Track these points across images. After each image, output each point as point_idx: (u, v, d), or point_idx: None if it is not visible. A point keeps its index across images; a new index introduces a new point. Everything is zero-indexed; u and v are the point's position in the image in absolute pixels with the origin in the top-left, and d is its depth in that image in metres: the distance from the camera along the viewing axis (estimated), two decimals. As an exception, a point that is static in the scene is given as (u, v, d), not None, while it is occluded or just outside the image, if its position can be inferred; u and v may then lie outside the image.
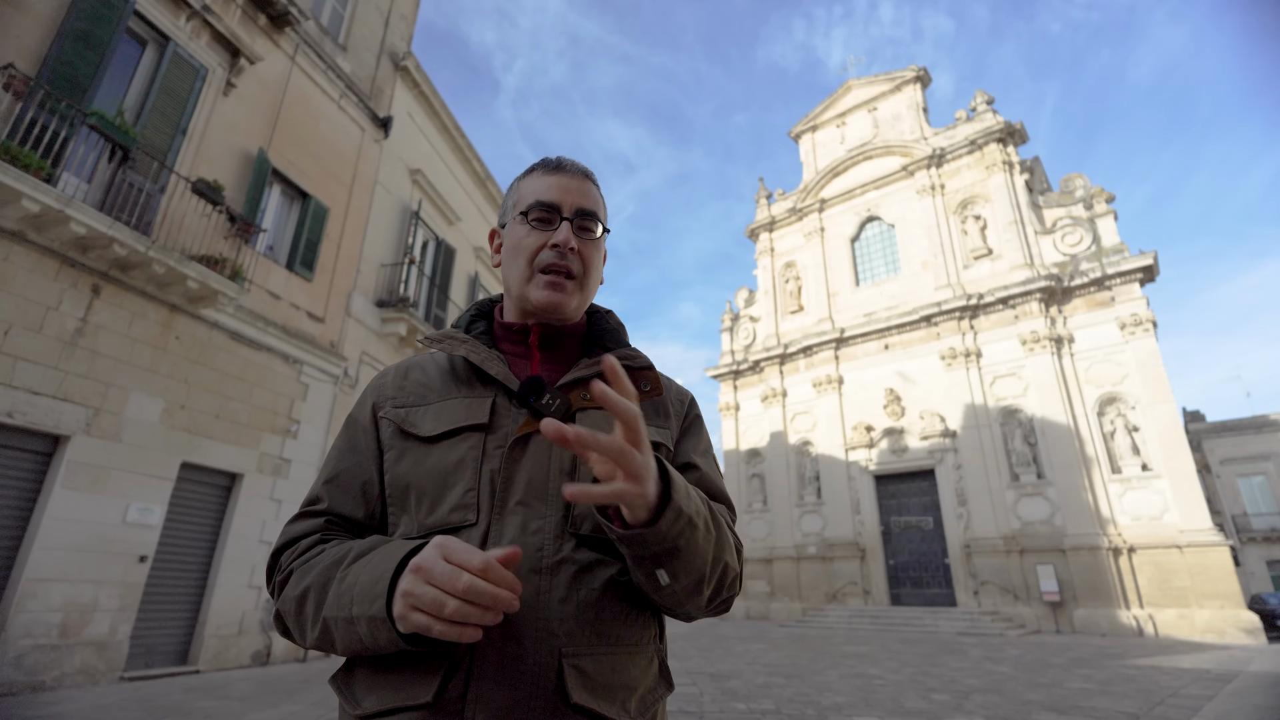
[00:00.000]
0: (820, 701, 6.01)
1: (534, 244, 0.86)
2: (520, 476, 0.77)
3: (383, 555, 0.69)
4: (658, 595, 0.73)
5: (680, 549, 0.67)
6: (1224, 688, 6.74)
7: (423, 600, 0.60)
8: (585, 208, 0.88)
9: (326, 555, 0.75)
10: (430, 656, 0.69)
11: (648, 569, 0.69)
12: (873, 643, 12.00)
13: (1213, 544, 13.13)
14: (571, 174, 0.90)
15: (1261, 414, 27.37)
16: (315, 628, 0.71)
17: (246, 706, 5.44)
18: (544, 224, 0.87)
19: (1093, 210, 16.94)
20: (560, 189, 0.88)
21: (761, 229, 24.53)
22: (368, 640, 0.66)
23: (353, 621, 0.66)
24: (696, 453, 0.91)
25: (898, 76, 22.05)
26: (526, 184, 0.91)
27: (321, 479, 0.85)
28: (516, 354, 0.89)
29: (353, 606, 0.66)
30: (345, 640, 0.69)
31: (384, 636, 0.65)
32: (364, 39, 11.50)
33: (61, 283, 6.18)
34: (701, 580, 0.72)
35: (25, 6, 6.21)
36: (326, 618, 0.69)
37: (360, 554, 0.72)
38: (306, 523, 0.81)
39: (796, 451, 20.75)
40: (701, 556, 0.70)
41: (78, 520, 6.11)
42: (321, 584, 0.71)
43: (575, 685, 0.69)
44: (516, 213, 0.90)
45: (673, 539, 0.66)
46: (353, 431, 0.87)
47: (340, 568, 0.71)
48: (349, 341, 10.05)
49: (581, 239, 0.87)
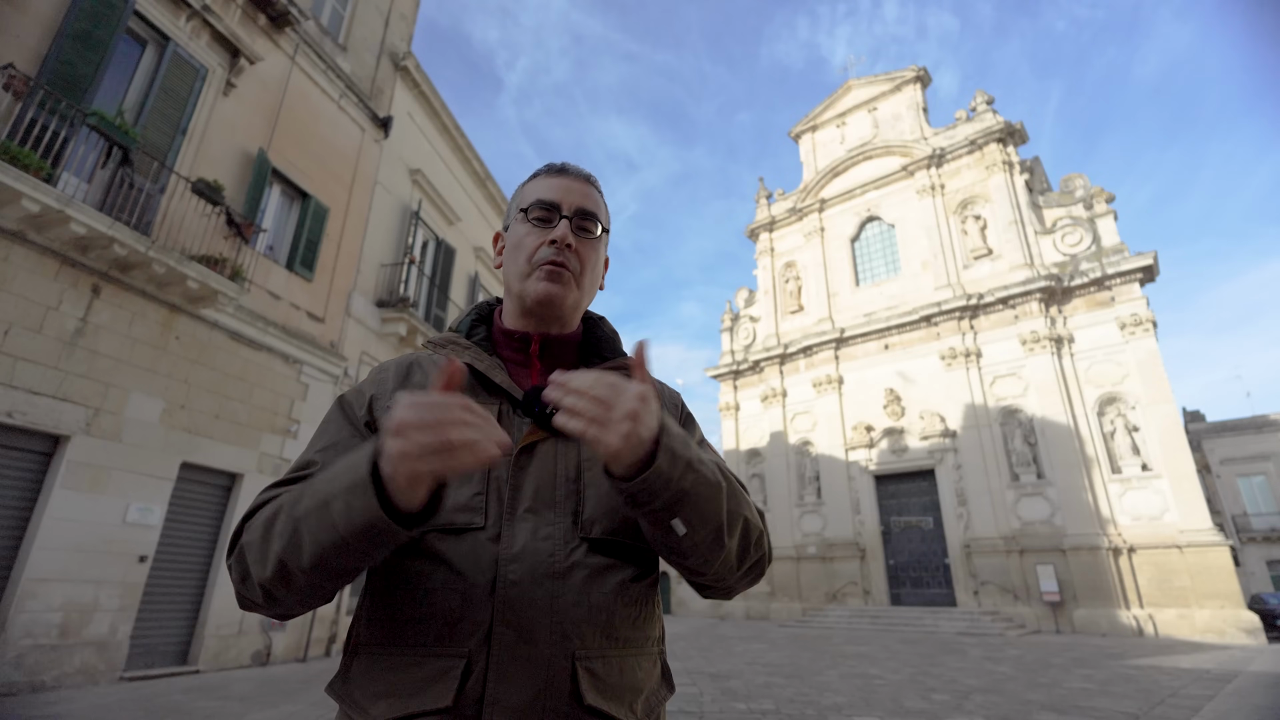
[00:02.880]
0: (820, 701, 6.02)
1: (533, 241, 0.88)
2: (528, 484, 0.77)
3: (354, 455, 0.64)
4: (681, 555, 0.72)
5: (688, 492, 0.67)
6: (1224, 688, 6.74)
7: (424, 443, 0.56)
8: (585, 208, 0.89)
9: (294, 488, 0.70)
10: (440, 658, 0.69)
11: (662, 522, 0.68)
12: (873, 643, 12.00)
13: (1213, 544, 13.14)
14: (574, 177, 0.92)
15: (1261, 414, 27.37)
16: (283, 538, 0.65)
17: (246, 706, 5.44)
18: (544, 222, 0.88)
19: (1093, 210, 16.95)
20: (561, 189, 0.90)
21: (761, 229, 24.54)
22: (341, 522, 0.60)
23: (328, 504, 0.61)
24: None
25: (898, 76, 22.06)
26: (530, 187, 0.93)
27: (315, 447, 0.80)
28: (516, 361, 0.90)
29: (331, 486, 0.62)
30: (316, 535, 0.62)
31: (360, 507, 0.59)
32: (364, 39, 11.50)
33: (61, 283, 6.19)
34: (720, 530, 0.71)
35: (25, 6, 6.21)
36: (297, 517, 0.64)
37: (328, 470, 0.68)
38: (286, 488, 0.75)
39: (796, 451, 20.75)
40: (713, 502, 0.70)
41: (78, 520, 6.11)
42: (296, 496, 0.67)
43: (588, 687, 0.70)
44: (518, 212, 0.92)
45: (676, 481, 0.66)
46: (349, 413, 0.84)
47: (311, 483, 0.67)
48: (349, 341, 10.05)
49: (580, 238, 0.89)
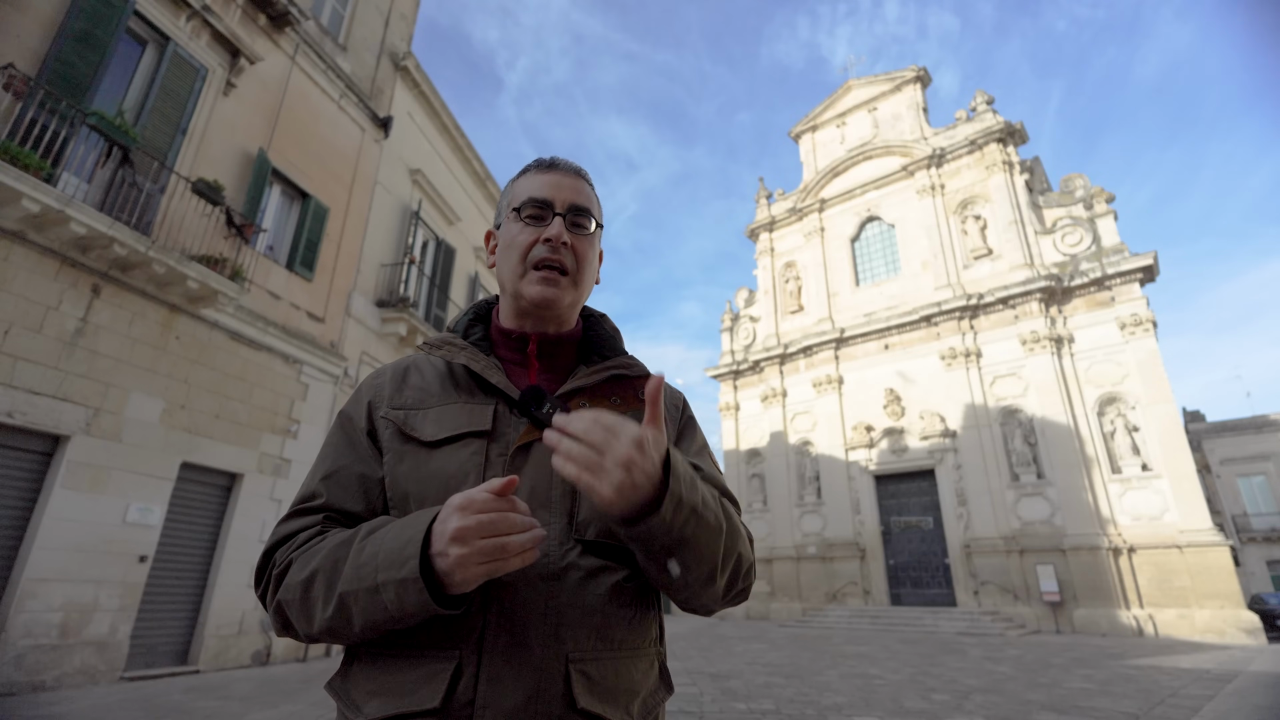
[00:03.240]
0: (820, 701, 6.02)
1: (527, 240, 0.87)
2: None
3: (405, 523, 0.67)
4: (670, 588, 0.73)
5: (688, 539, 0.68)
6: (1224, 688, 6.74)
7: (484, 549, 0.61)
8: (578, 204, 0.89)
9: (331, 539, 0.72)
10: (433, 660, 0.69)
11: (659, 561, 0.69)
12: (873, 643, 12.00)
13: (1213, 544, 13.14)
14: (564, 172, 0.91)
15: (1261, 414, 27.38)
16: (328, 607, 0.67)
17: (247, 706, 5.44)
18: (537, 220, 0.87)
19: (1093, 210, 16.94)
20: (553, 186, 0.89)
21: (761, 229, 24.54)
22: (393, 607, 0.64)
23: (377, 590, 0.64)
24: (692, 453, 0.92)
25: (898, 76, 22.05)
26: (520, 184, 0.92)
27: (317, 475, 0.82)
28: (514, 360, 0.89)
29: (378, 574, 0.64)
30: (367, 613, 0.66)
31: (413, 600, 0.63)
32: (364, 39, 11.50)
33: (61, 283, 6.19)
34: (714, 571, 0.72)
35: (25, 6, 6.21)
36: (344, 593, 0.66)
37: (373, 529, 0.70)
38: (302, 519, 0.79)
39: (796, 451, 20.75)
40: (712, 545, 0.71)
41: (78, 520, 6.11)
42: (332, 563, 0.69)
43: (581, 690, 0.70)
44: (510, 210, 0.90)
45: (679, 529, 0.66)
46: (348, 429, 0.85)
47: (353, 544, 0.69)
48: (349, 341, 10.05)
49: (574, 234, 0.88)
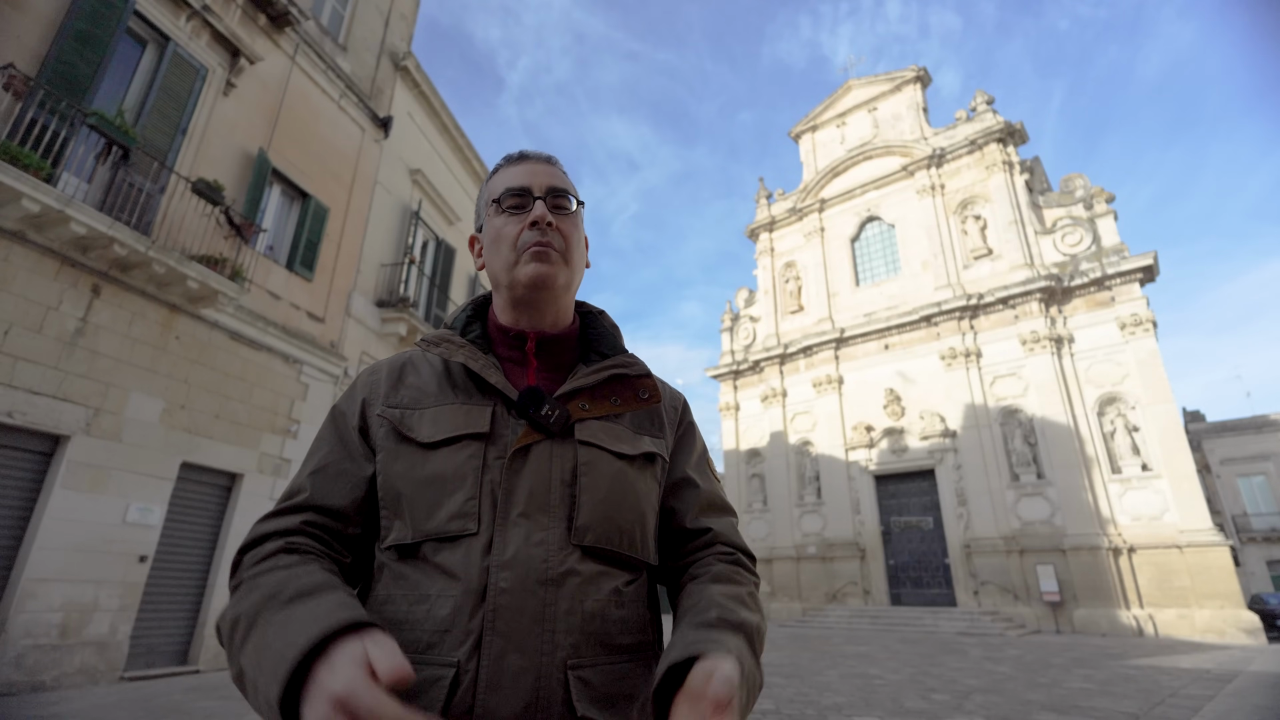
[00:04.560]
0: (820, 701, 6.02)
1: (514, 230, 0.86)
2: (521, 488, 0.75)
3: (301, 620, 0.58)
4: None
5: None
6: (1224, 688, 6.74)
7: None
8: (555, 186, 0.88)
9: (272, 578, 0.66)
10: (431, 667, 0.68)
11: None
12: (873, 643, 12.00)
13: (1213, 544, 13.15)
14: (536, 160, 0.91)
15: (1261, 414, 27.36)
16: (234, 665, 0.63)
17: (246, 706, 5.44)
18: (519, 209, 0.87)
19: (1093, 210, 16.95)
20: (528, 174, 0.89)
21: (761, 229, 24.54)
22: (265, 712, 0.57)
23: (257, 690, 0.58)
24: (691, 465, 0.92)
25: (898, 76, 22.05)
26: (495, 180, 0.92)
27: (305, 470, 0.80)
28: (512, 359, 0.88)
29: (259, 673, 0.58)
30: (253, 702, 0.59)
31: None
32: (364, 39, 11.50)
33: (61, 283, 6.18)
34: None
35: (25, 6, 6.21)
36: (243, 665, 0.61)
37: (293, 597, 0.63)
38: (280, 520, 0.75)
39: (796, 451, 20.75)
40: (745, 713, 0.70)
41: (78, 520, 6.11)
42: (251, 618, 0.63)
43: (580, 697, 0.69)
44: (490, 204, 0.90)
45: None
46: (340, 425, 0.84)
47: (272, 607, 0.62)
48: (349, 341, 10.05)
49: (558, 215, 0.88)
